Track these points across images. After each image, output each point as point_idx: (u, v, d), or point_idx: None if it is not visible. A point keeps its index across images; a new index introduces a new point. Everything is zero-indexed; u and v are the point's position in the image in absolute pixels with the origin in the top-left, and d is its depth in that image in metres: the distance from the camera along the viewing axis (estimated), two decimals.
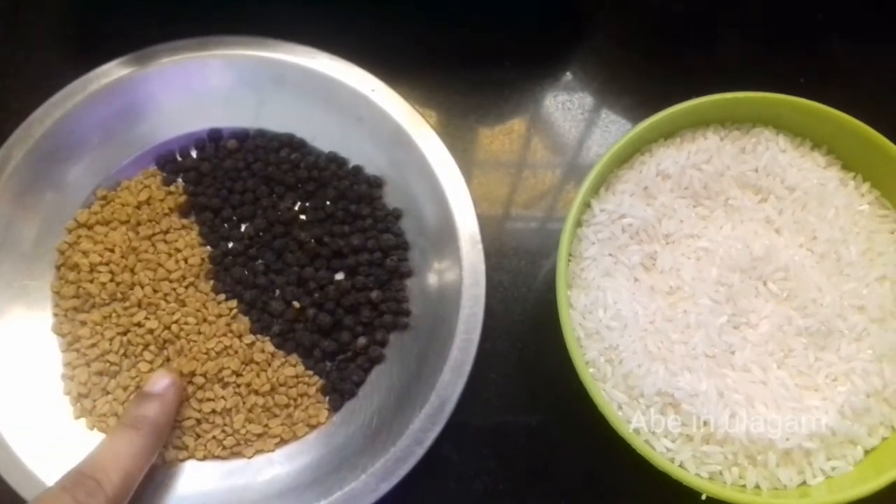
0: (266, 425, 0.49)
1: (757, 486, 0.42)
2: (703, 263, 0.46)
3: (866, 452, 0.43)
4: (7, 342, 0.49)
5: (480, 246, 0.50)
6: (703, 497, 0.41)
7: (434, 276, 0.52)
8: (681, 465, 0.43)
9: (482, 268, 0.50)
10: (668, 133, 0.49)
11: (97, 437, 0.48)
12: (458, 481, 0.50)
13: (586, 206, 0.47)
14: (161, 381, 0.46)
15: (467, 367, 0.48)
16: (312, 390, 0.50)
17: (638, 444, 0.41)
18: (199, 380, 0.49)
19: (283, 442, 0.49)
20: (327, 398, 0.50)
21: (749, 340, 0.44)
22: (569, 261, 0.47)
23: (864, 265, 0.45)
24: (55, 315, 0.50)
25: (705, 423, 0.42)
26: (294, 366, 0.50)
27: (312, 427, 0.49)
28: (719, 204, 0.48)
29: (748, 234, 0.46)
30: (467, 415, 0.50)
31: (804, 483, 0.43)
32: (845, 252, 0.45)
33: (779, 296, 0.45)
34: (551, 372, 0.51)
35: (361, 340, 0.50)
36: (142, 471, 0.42)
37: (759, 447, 0.42)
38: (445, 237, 0.51)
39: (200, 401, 0.49)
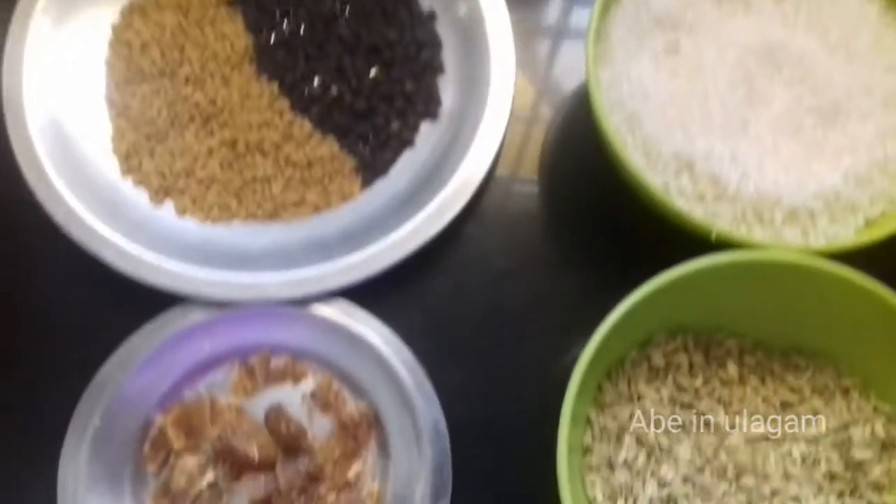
0: (302, 195, 0.52)
1: None
2: (723, 50, 0.49)
3: (867, 222, 0.46)
4: None
5: (511, 38, 0.53)
6: (713, 236, 0.44)
7: (463, 72, 0.55)
8: None
9: (512, 60, 0.53)
10: None
11: (141, 194, 0.52)
12: (478, 261, 0.53)
13: None
14: None
15: (493, 150, 0.51)
16: (346, 169, 0.53)
17: (654, 189, 0.44)
18: (241, 149, 0.52)
19: (317, 210, 0.52)
20: (360, 176, 0.53)
21: (762, 116, 0.47)
22: (597, 42, 0.49)
23: (873, 57, 0.49)
24: (107, 86, 0.53)
25: (717, 182, 0.45)
26: (330, 146, 0.53)
27: (345, 199, 0.52)
28: (740, 5, 0.50)
29: (766, 28, 0.49)
30: (488, 198, 0.53)
31: (808, 246, 0.46)
32: (855, 44, 0.49)
33: (792, 79, 0.48)
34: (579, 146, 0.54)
35: (395, 125, 0.53)
36: None
37: (768, 204, 0.45)
38: (475, 34, 0.54)
39: (242, 168, 0.52)
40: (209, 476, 0.48)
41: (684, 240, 0.45)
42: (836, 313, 0.44)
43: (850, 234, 0.46)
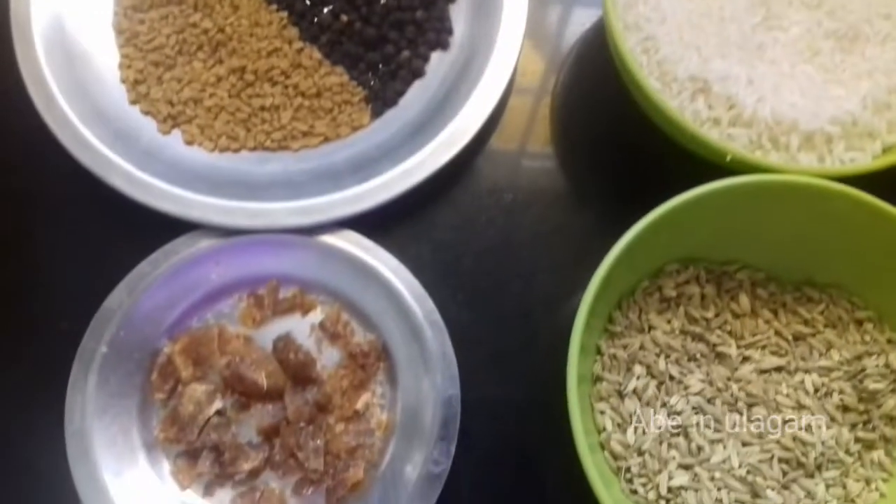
0: (311, 125, 0.51)
1: None
2: None
3: (884, 149, 0.46)
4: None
5: None
6: (728, 159, 0.43)
7: (475, 0, 0.54)
8: None
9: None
10: None
11: (149, 123, 0.51)
12: (487, 194, 0.53)
13: None
14: None
15: (505, 81, 0.51)
16: (356, 99, 0.52)
17: (669, 110, 0.43)
18: (249, 77, 0.51)
19: (326, 140, 0.51)
20: (370, 106, 0.52)
21: (779, 41, 0.46)
22: None
23: None
24: (115, 14, 0.53)
25: (733, 106, 0.45)
26: (340, 75, 0.52)
27: (355, 129, 0.52)
28: None
29: None
30: (498, 130, 0.53)
31: (823, 170, 0.45)
32: None
33: (810, 3, 0.47)
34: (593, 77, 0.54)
35: (405, 54, 0.53)
36: None
37: (784, 128, 0.44)
38: None
39: (250, 97, 0.51)
40: (217, 404, 0.47)
41: (699, 169, 0.44)
42: (850, 241, 0.44)
43: (867, 161, 0.45)
